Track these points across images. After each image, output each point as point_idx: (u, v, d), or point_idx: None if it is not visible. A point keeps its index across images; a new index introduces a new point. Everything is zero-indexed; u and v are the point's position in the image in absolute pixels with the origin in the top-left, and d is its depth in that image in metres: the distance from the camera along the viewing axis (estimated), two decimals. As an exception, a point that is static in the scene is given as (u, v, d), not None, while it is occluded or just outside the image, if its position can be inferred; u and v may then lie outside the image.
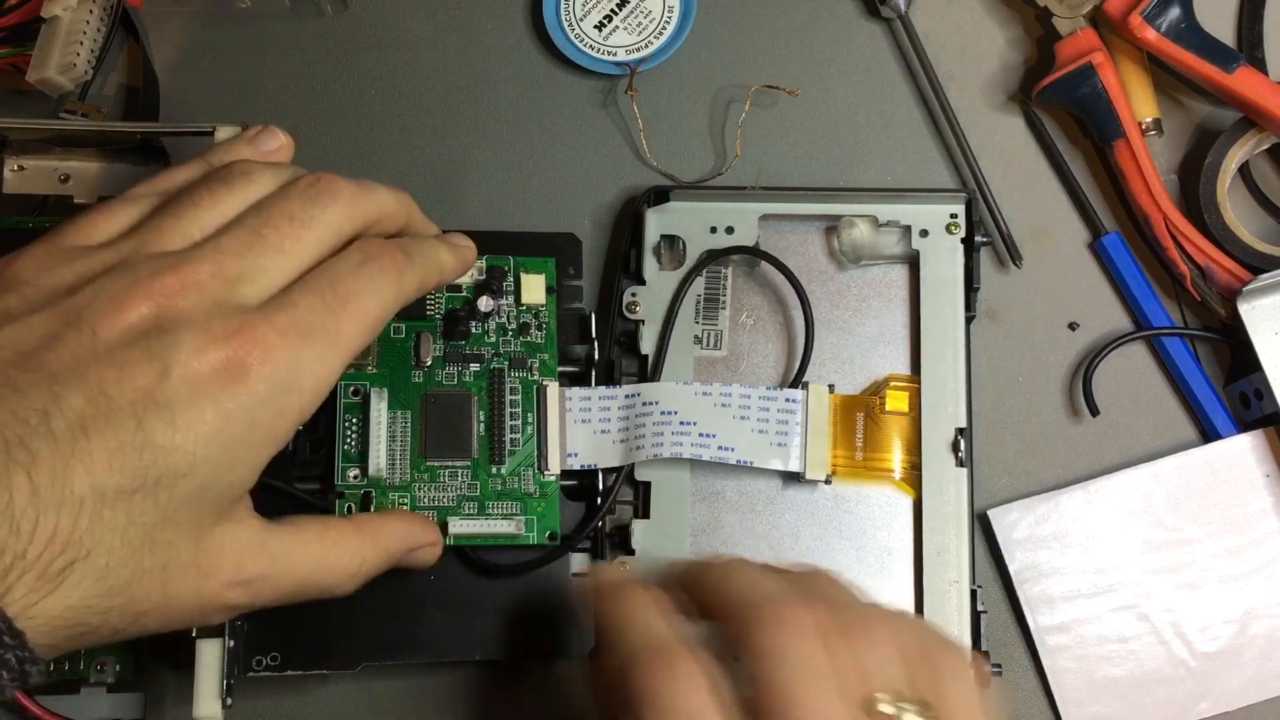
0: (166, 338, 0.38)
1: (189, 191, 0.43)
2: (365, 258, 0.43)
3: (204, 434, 0.38)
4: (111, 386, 0.37)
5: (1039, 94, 0.56)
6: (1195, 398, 0.55)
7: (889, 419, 0.53)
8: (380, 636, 0.51)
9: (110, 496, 0.36)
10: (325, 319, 0.41)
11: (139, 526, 0.37)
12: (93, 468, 0.36)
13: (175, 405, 0.37)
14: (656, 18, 0.58)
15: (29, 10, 0.57)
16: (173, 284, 0.39)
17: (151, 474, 0.37)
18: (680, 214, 0.55)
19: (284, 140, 0.47)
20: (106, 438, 0.36)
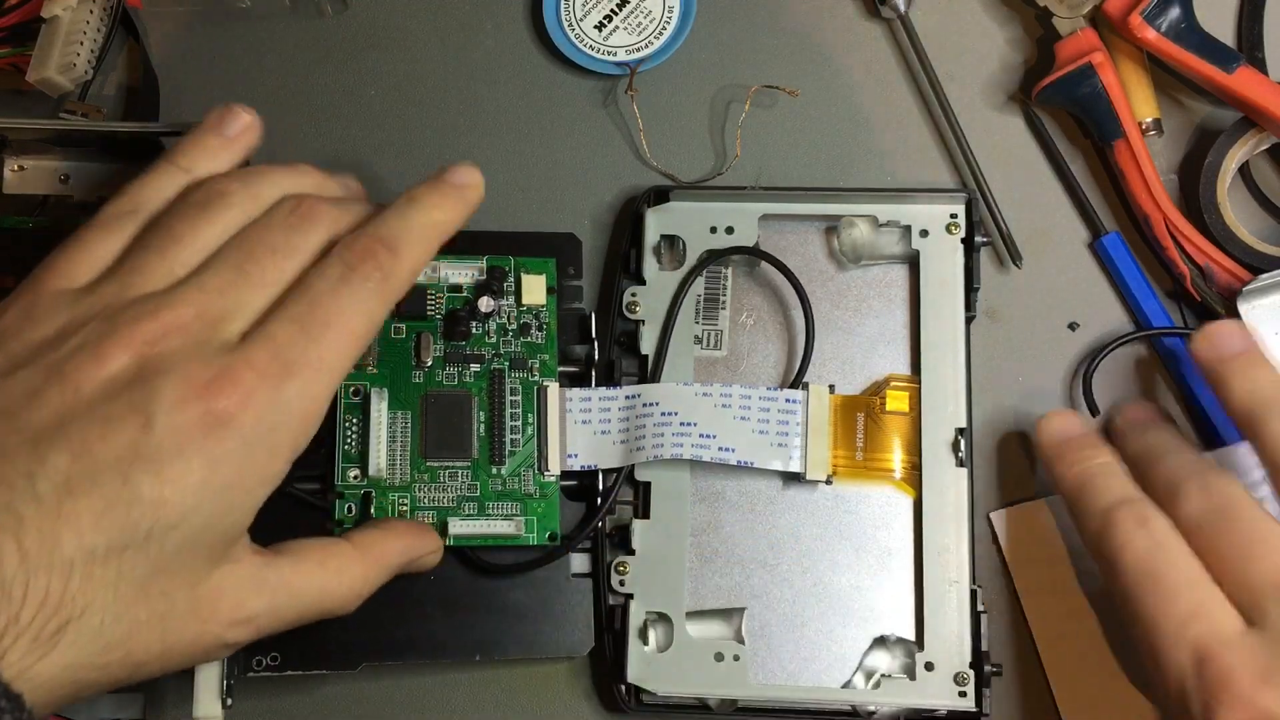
0: (148, 388, 0.38)
1: (168, 224, 0.42)
2: (346, 268, 0.42)
3: (192, 485, 0.37)
4: (95, 443, 0.37)
5: (1039, 94, 0.56)
6: (1195, 398, 0.55)
7: (889, 419, 0.53)
8: (380, 636, 0.51)
9: (100, 555, 0.36)
10: (307, 349, 0.40)
11: (131, 582, 0.37)
12: (80, 528, 0.36)
13: (161, 458, 0.37)
14: (656, 18, 0.58)
15: (29, 10, 0.57)
16: (154, 330, 0.39)
17: (141, 529, 0.37)
18: (680, 214, 0.55)
19: (247, 119, 0.46)
20: (93, 496, 0.36)
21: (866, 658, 0.52)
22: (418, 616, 0.51)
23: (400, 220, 0.44)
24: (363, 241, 0.42)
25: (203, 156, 0.45)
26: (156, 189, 0.44)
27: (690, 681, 0.52)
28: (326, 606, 0.44)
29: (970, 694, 0.51)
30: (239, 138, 0.46)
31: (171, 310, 0.39)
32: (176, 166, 0.45)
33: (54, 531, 0.36)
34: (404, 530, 0.49)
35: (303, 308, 0.41)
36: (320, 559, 0.44)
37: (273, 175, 0.45)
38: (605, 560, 0.52)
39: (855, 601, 0.53)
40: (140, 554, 0.37)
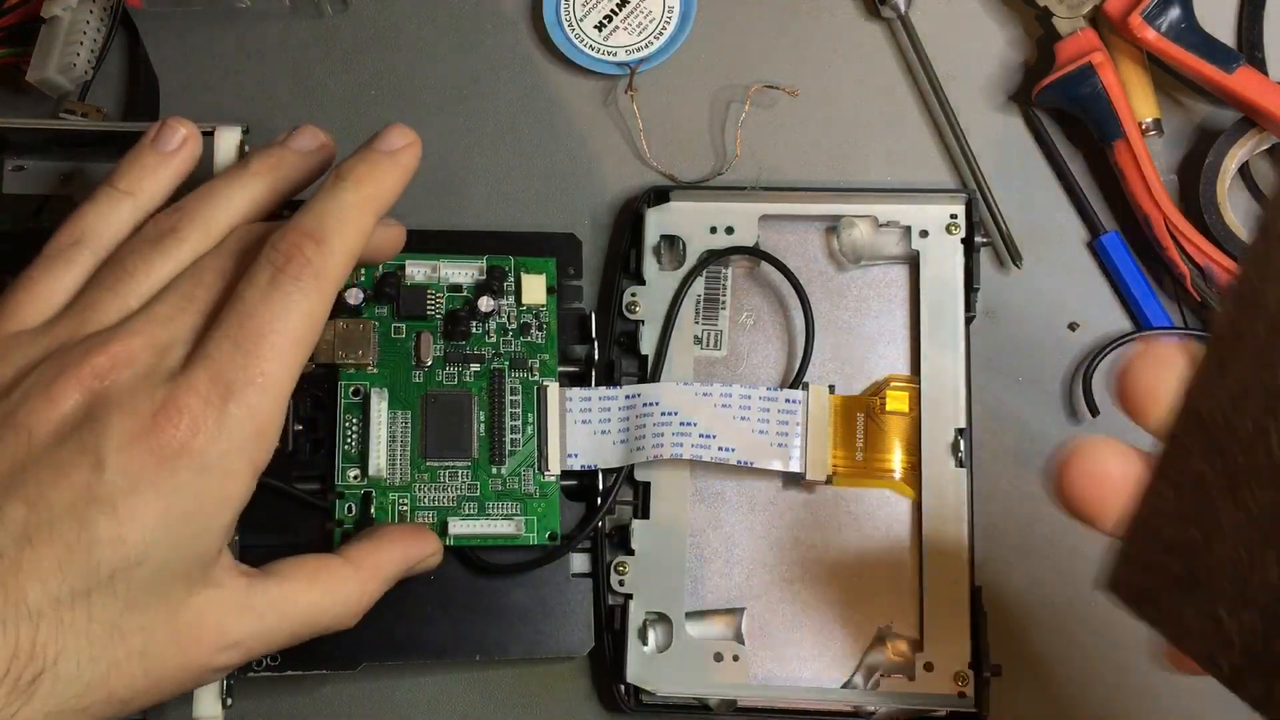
0: (97, 427, 0.37)
1: (121, 260, 0.42)
2: (274, 271, 0.40)
3: (150, 520, 0.37)
4: (50, 490, 0.36)
5: (1039, 94, 0.56)
6: (1195, 398, 0.55)
7: (889, 419, 0.53)
8: (380, 636, 0.51)
9: (67, 601, 0.36)
10: (245, 367, 0.39)
11: (102, 623, 0.37)
12: (44, 577, 0.36)
13: (115, 498, 0.37)
14: (656, 18, 0.58)
15: (29, 10, 0.57)
16: (103, 363, 0.39)
17: (104, 570, 0.36)
18: (680, 214, 0.55)
19: (184, 132, 0.45)
20: (53, 544, 0.36)
21: (866, 658, 0.52)
22: (418, 616, 0.51)
23: (326, 204, 0.42)
24: (287, 238, 0.41)
25: (142, 176, 0.45)
26: (99, 216, 0.44)
27: (690, 681, 0.52)
28: (322, 624, 0.44)
29: (970, 694, 0.51)
30: (178, 152, 0.45)
31: (120, 342, 0.39)
32: (117, 190, 0.44)
33: (18, 584, 0.35)
34: (400, 537, 0.48)
35: (234, 323, 0.40)
36: (311, 576, 0.43)
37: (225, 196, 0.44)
38: (605, 560, 0.52)
39: (855, 602, 0.52)
40: (107, 594, 0.37)
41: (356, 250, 0.43)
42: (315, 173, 0.47)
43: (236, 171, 0.45)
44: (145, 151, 0.45)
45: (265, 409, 0.39)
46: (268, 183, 0.45)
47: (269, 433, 0.40)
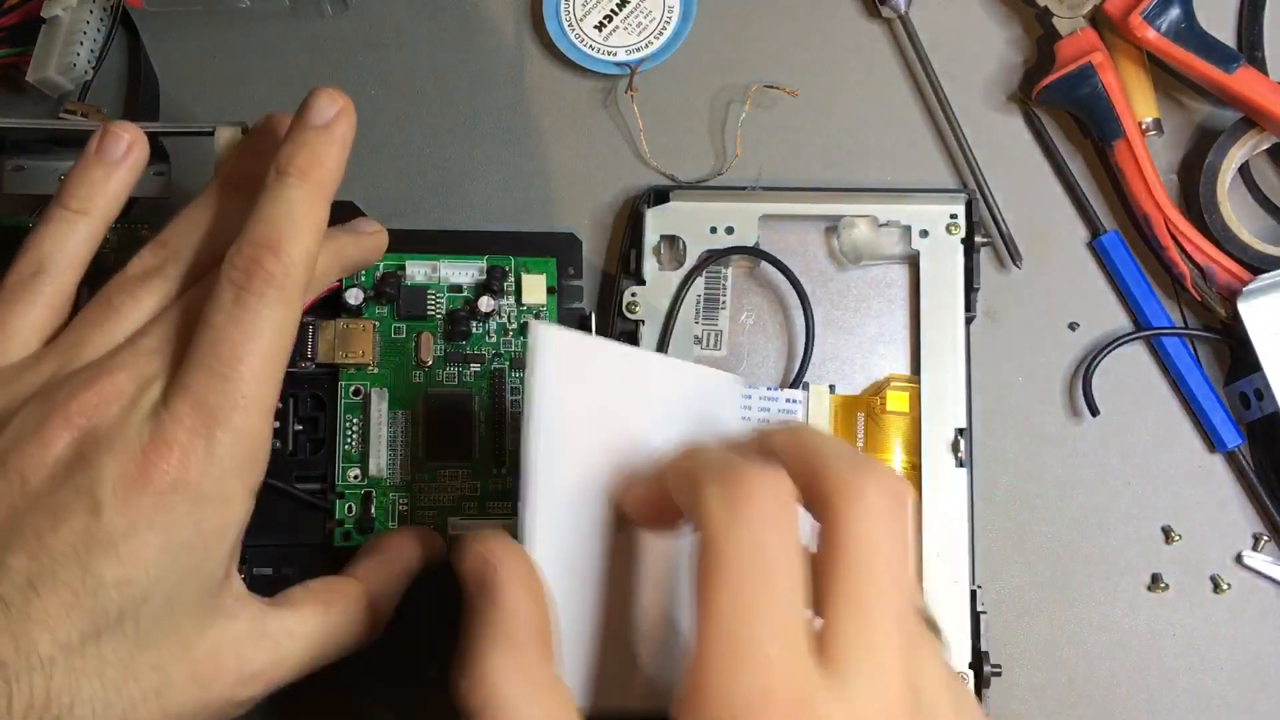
0: (90, 469, 0.37)
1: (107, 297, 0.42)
2: (236, 290, 0.39)
3: (151, 557, 0.37)
4: (49, 536, 0.36)
5: (1039, 94, 0.56)
6: (1195, 398, 0.55)
7: (890, 419, 0.53)
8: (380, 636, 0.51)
9: (78, 647, 0.36)
10: (224, 393, 0.38)
11: (115, 665, 0.36)
12: (52, 625, 0.35)
13: (115, 539, 0.36)
14: (656, 18, 0.58)
15: (29, 10, 0.57)
16: (91, 400, 0.38)
17: (111, 612, 0.36)
18: (680, 214, 0.55)
19: (128, 138, 0.44)
20: (58, 591, 0.36)
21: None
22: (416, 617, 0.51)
23: (275, 207, 0.41)
24: (244, 253, 0.40)
25: (91, 192, 0.44)
26: (55, 241, 0.43)
27: (690, 681, 0.52)
28: (343, 646, 0.43)
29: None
30: (124, 159, 0.44)
31: (108, 376, 0.39)
32: (69, 210, 0.43)
33: (27, 634, 0.35)
34: (405, 546, 0.48)
35: (205, 349, 0.39)
36: (325, 601, 0.43)
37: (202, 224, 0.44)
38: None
39: (855, 601, 0.52)
40: (117, 635, 0.36)
41: (315, 247, 0.41)
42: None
43: (211, 190, 0.45)
44: (91, 165, 0.44)
45: (252, 429, 0.39)
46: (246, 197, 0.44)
47: (259, 452, 0.40)
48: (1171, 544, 0.55)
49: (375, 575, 0.46)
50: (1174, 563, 0.54)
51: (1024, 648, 0.54)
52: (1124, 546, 0.55)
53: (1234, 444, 0.54)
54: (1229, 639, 0.54)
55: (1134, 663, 0.54)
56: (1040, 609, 0.54)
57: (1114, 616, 0.54)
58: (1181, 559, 0.54)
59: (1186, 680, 0.54)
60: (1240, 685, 0.53)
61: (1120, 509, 0.55)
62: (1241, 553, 0.54)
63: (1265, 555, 0.54)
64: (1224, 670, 0.54)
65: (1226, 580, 0.54)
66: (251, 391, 0.39)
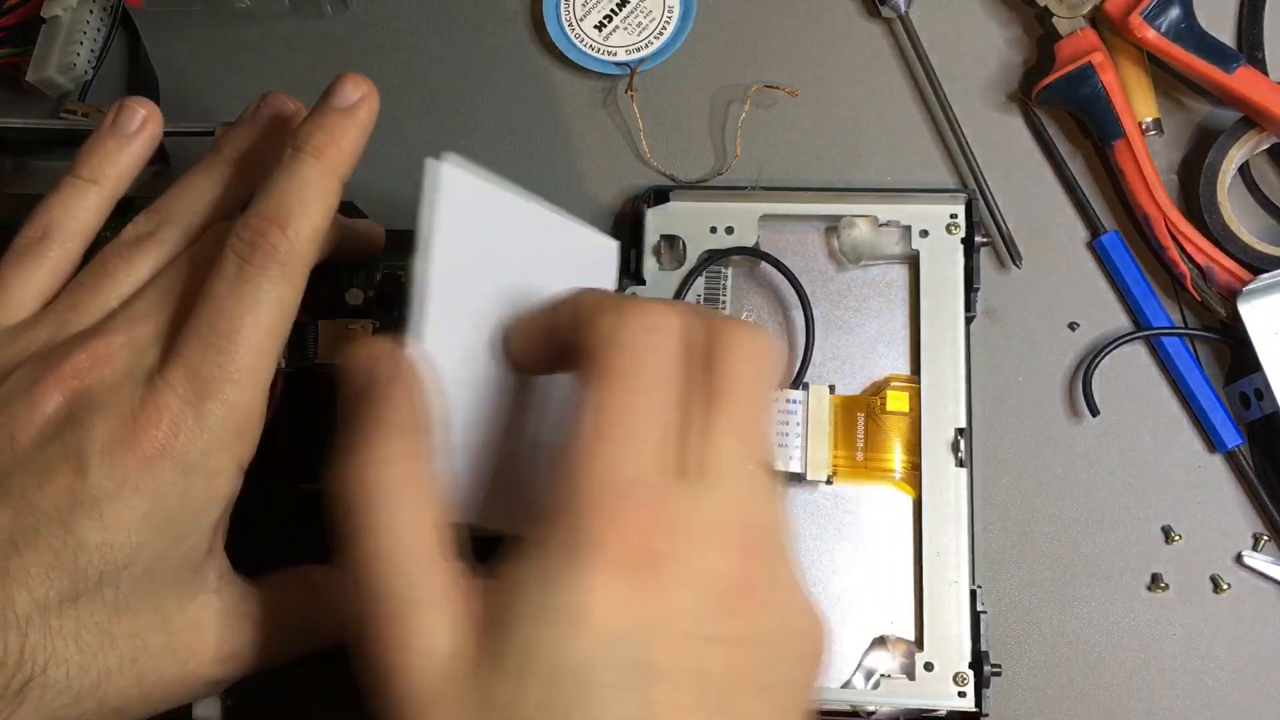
0: (79, 429, 0.37)
1: (102, 261, 0.42)
2: (240, 263, 0.39)
3: (134, 522, 0.37)
4: (34, 494, 0.36)
5: (1039, 94, 0.56)
6: (1195, 398, 0.55)
7: (890, 419, 0.53)
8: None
9: (54, 607, 0.36)
10: (219, 364, 0.38)
11: (92, 628, 0.36)
12: (30, 584, 0.35)
13: (100, 501, 0.36)
14: (656, 18, 0.58)
15: (29, 10, 0.57)
16: (83, 361, 0.38)
17: (91, 575, 0.36)
18: (680, 214, 0.55)
19: (143, 112, 0.44)
20: (39, 549, 0.36)
21: (866, 658, 0.52)
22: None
23: (287, 183, 0.40)
24: (251, 226, 0.39)
25: (104, 163, 0.44)
26: (64, 208, 0.43)
27: (690, 681, 0.52)
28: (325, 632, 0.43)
29: (970, 694, 0.50)
30: (138, 133, 0.44)
31: (101, 339, 0.39)
32: (80, 179, 0.44)
33: (5, 592, 0.35)
34: None
35: (206, 319, 0.39)
36: (310, 586, 0.43)
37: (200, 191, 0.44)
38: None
39: (855, 601, 0.52)
40: (95, 599, 0.36)
41: (323, 227, 0.41)
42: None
43: (210, 160, 0.45)
44: (105, 136, 0.44)
45: (244, 404, 0.39)
46: (243, 168, 0.45)
47: (250, 428, 0.39)
48: (1171, 544, 0.55)
49: None
50: (1174, 563, 0.54)
51: (1024, 648, 0.54)
52: (1124, 546, 0.55)
53: (1234, 444, 0.54)
54: (1229, 639, 0.54)
55: (1134, 663, 0.54)
56: (1040, 609, 0.54)
57: (1114, 616, 0.54)
58: (1181, 559, 0.54)
59: (1186, 680, 0.54)
60: (1240, 685, 0.53)
61: (1120, 509, 0.55)
62: (1241, 553, 0.54)
63: (1265, 555, 0.54)
64: (1224, 670, 0.54)
65: (1226, 580, 0.54)
66: (246, 365, 0.39)
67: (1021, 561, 0.54)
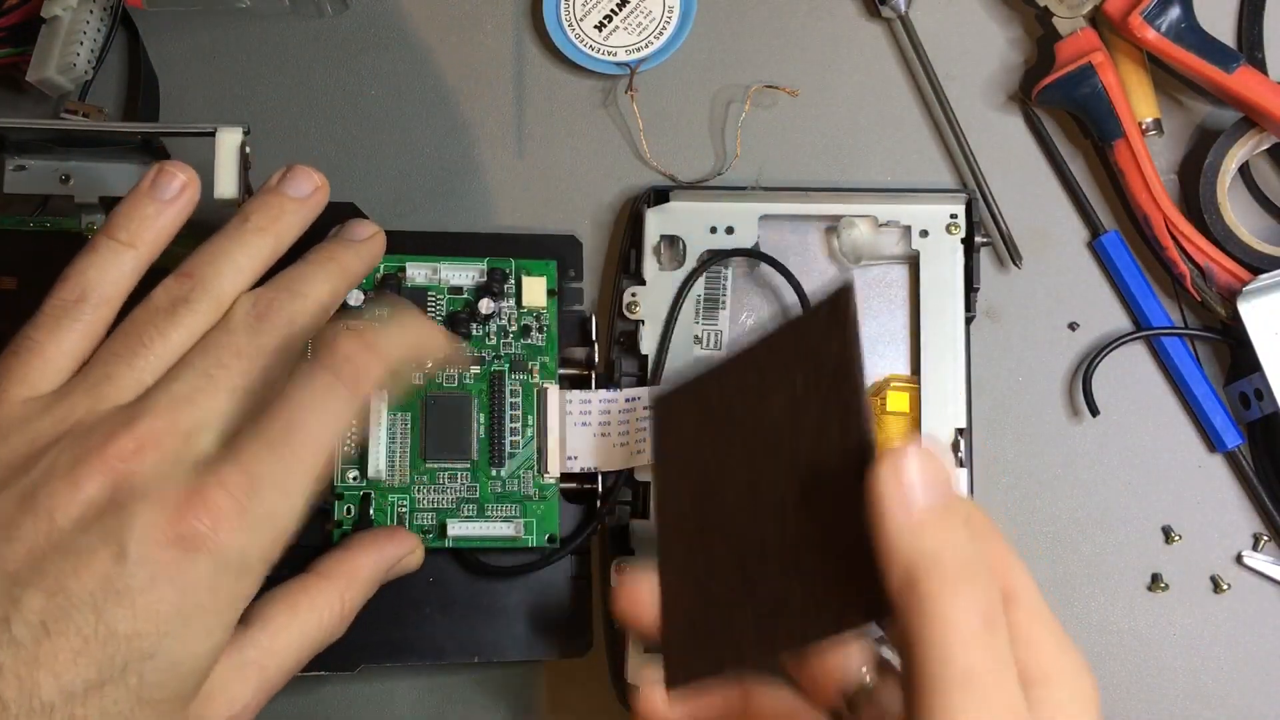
0: (122, 515, 0.37)
1: (135, 331, 0.41)
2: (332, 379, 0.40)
3: (165, 613, 0.37)
4: (69, 579, 0.36)
5: (1039, 94, 0.56)
6: (1195, 398, 0.55)
7: (890, 419, 0.53)
8: (379, 638, 0.51)
9: (80, 694, 0.35)
10: (277, 468, 0.38)
11: (114, 715, 0.36)
12: (58, 670, 0.35)
13: (134, 591, 0.36)
14: (656, 18, 0.58)
15: (29, 10, 0.57)
16: (128, 446, 0.38)
17: (118, 662, 0.36)
18: (680, 214, 0.55)
19: (183, 178, 0.44)
20: (69, 635, 0.35)
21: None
22: (416, 618, 0.51)
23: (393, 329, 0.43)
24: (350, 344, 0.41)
25: (142, 227, 0.43)
26: (100, 270, 0.42)
27: (690, 682, 0.52)
28: (313, 646, 0.44)
29: (970, 694, 0.50)
30: (177, 199, 0.44)
31: (145, 423, 0.38)
32: (117, 242, 0.43)
33: (32, 677, 0.35)
34: (372, 540, 0.48)
35: (276, 427, 0.39)
36: (290, 607, 0.43)
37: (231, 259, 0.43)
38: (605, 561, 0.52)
39: (855, 602, 0.52)
40: (120, 687, 0.36)
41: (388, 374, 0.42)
42: (311, 218, 0.46)
43: (238, 229, 0.44)
44: (143, 200, 0.44)
45: (288, 512, 0.39)
46: (271, 238, 0.44)
47: (285, 534, 0.39)
48: (1171, 544, 0.55)
49: (340, 569, 0.46)
50: (1174, 563, 0.54)
51: (1024, 648, 0.54)
52: (1124, 546, 0.55)
53: (1234, 444, 0.54)
54: (1229, 639, 0.54)
55: (1134, 663, 0.54)
56: (1040, 609, 0.54)
57: (1114, 616, 0.54)
58: (1181, 559, 0.54)
59: (1186, 680, 0.54)
60: (1240, 685, 0.53)
61: (1120, 509, 0.55)
62: (1241, 553, 0.54)
63: (1265, 555, 0.54)
64: (1224, 670, 0.54)
65: (1226, 580, 0.54)
66: (299, 477, 0.39)
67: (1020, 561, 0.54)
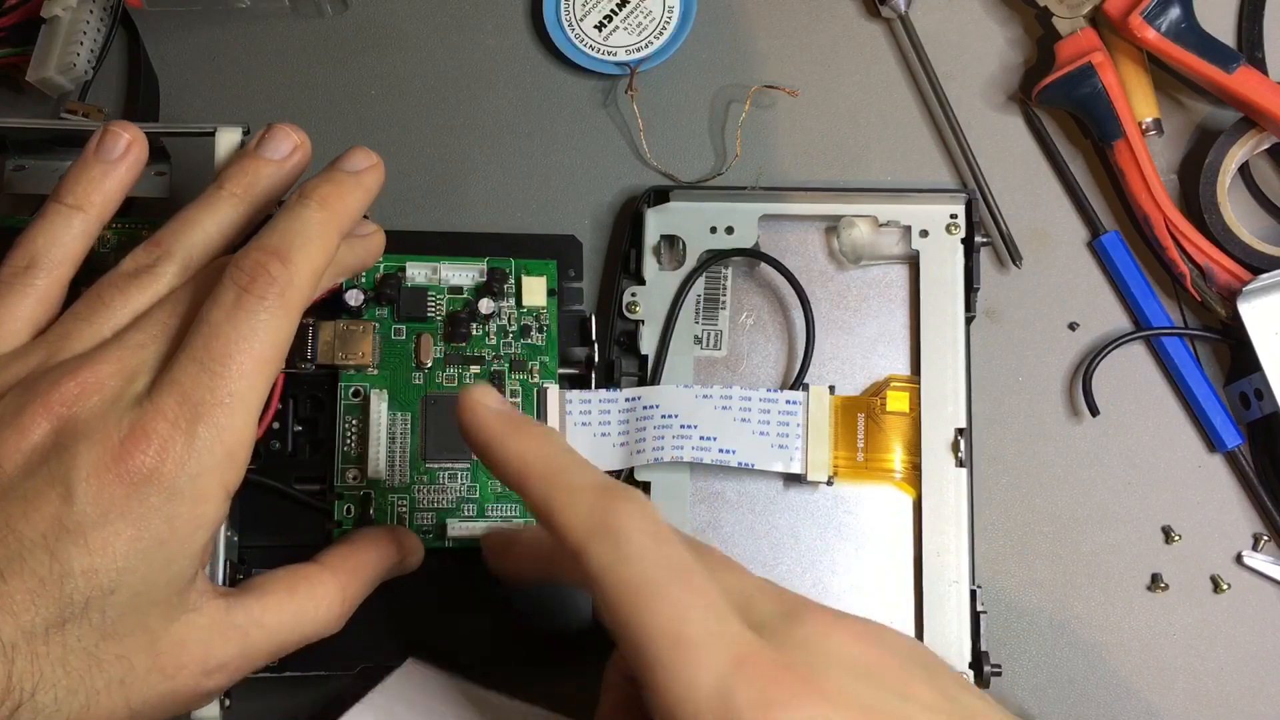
0: (66, 455, 0.37)
1: (98, 292, 0.42)
2: (238, 291, 0.40)
3: (121, 548, 0.37)
4: (19, 522, 0.36)
5: (1039, 94, 0.56)
6: (1195, 398, 0.55)
7: (890, 419, 0.53)
8: (379, 638, 0.51)
9: (41, 633, 0.36)
10: (212, 388, 0.39)
11: (79, 653, 0.37)
12: (16, 611, 0.36)
13: (85, 527, 0.37)
14: (656, 18, 0.58)
15: (29, 10, 0.57)
16: (71, 390, 0.38)
17: (77, 600, 0.36)
18: (680, 214, 0.55)
19: (127, 137, 0.44)
20: (24, 577, 0.36)
21: (866, 658, 0.52)
22: (416, 619, 0.51)
23: (291, 222, 0.42)
24: (252, 257, 0.40)
25: (88, 188, 0.44)
26: (49, 237, 0.43)
27: (690, 682, 0.52)
28: (306, 633, 0.43)
29: (970, 694, 0.51)
30: (123, 159, 0.44)
31: (90, 368, 0.39)
32: (65, 206, 0.43)
33: None
34: (376, 538, 0.48)
35: (199, 344, 0.39)
36: (289, 588, 0.43)
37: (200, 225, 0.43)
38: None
39: (855, 601, 0.53)
40: (83, 624, 0.37)
41: (321, 268, 0.42)
42: (291, 180, 0.46)
43: (211, 195, 0.44)
44: (90, 162, 0.44)
45: (234, 429, 0.39)
46: (243, 204, 0.44)
47: (239, 453, 0.40)
48: (1171, 544, 0.55)
49: (344, 564, 0.46)
50: (1174, 563, 0.54)
51: (1024, 648, 0.54)
52: (1124, 546, 0.55)
53: (1234, 444, 0.54)
54: (1229, 639, 0.54)
55: (1134, 663, 0.54)
56: (1040, 609, 0.54)
57: (1114, 616, 0.54)
58: (1181, 559, 0.55)
59: (1186, 680, 0.54)
60: (1240, 685, 0.53)
61: (1120, 509, 0.55)
62: (1241, 553, 0.54)
63: (1265, 555, 0.54)
64: (1224, 670, 0.54)
65: (1226, 580, 0.54)
66: (239, 390, 0.39)
67: (1021, 561, 0.55)
